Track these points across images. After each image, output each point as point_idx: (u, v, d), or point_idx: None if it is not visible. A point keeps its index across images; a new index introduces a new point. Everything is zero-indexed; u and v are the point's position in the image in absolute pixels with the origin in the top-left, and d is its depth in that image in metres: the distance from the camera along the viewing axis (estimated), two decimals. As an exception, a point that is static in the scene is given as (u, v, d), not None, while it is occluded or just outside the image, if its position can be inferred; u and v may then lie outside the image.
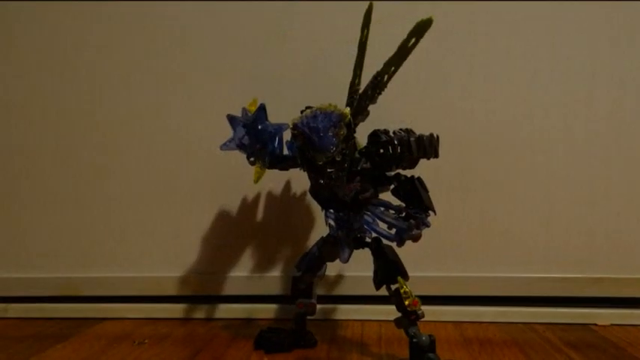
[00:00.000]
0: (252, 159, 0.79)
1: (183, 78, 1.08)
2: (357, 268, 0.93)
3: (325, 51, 1.04)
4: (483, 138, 1.03)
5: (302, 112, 0.73)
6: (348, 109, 0.70)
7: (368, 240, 0.79)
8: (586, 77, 1.02)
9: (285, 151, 0.82)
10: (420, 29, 0.64)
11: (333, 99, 0.72)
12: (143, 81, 1.09)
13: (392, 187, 0.76)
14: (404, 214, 0.73)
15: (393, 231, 0.73)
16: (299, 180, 1.00)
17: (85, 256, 1.12)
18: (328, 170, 0.72)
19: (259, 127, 0.77)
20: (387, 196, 0.77)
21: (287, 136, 0.78)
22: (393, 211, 0.75)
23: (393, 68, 0.68)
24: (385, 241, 0.76)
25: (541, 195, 1.03)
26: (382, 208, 0.76)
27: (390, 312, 0.77)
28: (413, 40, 0.65)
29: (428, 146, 0.72)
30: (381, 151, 0.72)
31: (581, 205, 1.03)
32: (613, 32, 1.01)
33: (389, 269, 0.76)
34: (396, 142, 0.71)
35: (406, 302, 0.74)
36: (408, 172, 0.75)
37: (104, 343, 0.92)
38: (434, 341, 0.74)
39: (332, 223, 0.81)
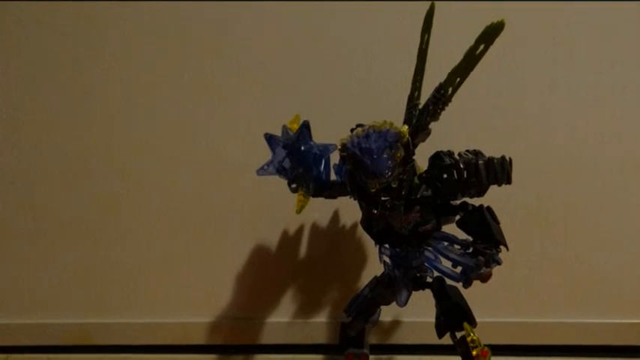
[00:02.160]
0: (294, 185, 0.80)
1: (213, 91, 1.09)
2: (417, 313, 0.93)
3: (379, 59, 1.04)
4: (564, 161, 1.02)
5: (352, 130, 0.72)
6: (405, 128, 0.69)
7: (429, 280, 0.79)
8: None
9: (333, 177, 0.82)
10: (490, 34, 0.63)
11: (388, 115, 0.71)
12: (167, 95, 1.10)
13: (457, 218, 0.76)
14: (471, 250, 0.73)
15: (459, 269, 0.73)
16: (348, 210, 1.01)
17: (98, 298, 1.13)
18: (383, 198, 0.71)
19: (302, 148, 0.77)
20: (451, 229, 0.76)
21: (334, 158, 0.78)
22: (459, 246, 0.74)
23: (458, 79, 0.68)
24: (449, 281, 0.76)
25: (633, 226, 1.02)
26: (446, 243, 0.76)
27: (455, 364, 0.78)
28: (482, 46, 0.64)
29: (499, 171, 0.71)
30: (445, 176, 0.71)
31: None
32: None
33: (454, 314, 0.76)
34: (462, 166, 0.70)
35: (474, 352, 0.73)
36: (475, 201, 0.74)
37: (122, 400, 0.94)
38: (507, 398, 0.74)
39: (387, 260, 0.81)
